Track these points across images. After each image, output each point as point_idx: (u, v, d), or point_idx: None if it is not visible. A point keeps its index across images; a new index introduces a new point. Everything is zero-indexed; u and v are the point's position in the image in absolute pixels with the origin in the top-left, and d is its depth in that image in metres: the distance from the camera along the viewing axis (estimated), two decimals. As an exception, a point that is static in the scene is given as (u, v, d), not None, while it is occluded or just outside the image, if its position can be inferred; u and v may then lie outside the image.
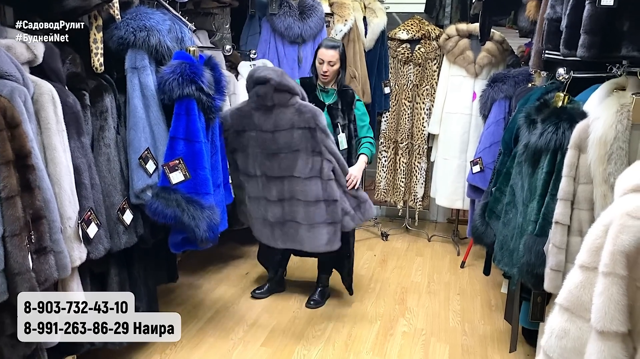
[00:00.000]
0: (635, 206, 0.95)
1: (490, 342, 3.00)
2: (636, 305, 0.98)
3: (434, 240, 4.63)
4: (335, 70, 3.11)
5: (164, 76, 2.34)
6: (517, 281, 2.52)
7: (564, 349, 1.05)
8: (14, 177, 1.76)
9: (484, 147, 3.67)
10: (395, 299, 3.52)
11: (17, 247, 1.75)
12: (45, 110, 1.96)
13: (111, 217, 2.30)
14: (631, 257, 0.95)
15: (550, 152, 2.22)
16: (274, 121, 2.86)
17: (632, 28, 1.85)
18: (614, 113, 1.97)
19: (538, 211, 2.25)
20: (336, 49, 3.10)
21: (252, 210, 3.08)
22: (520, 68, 3.71)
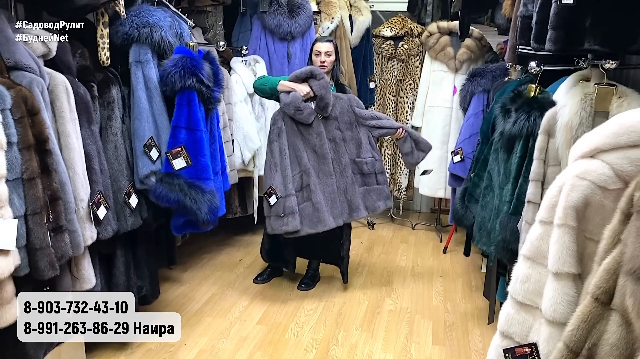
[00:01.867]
0: (583, 169, 1.15)
1: (470, 318, 3.21)
2: (585, 253, 1.18)
3: (417, 228, 4.85)
4: (332, 60, 3.33)
5: (167, 69, 2.50)
6: (494, 257, 2.73)
7: (527, 291, 1.25)
8: (35, 160, 1.90)
9: (464, 137, 3.89)
10: (381, 281, 3.72)
11: (38, 224, 1.90)
12: (60, 99, 2.12)
13: (118, 201, 2.46)
14: (580, 211, 1.14)
15: (523, 138, 2.42)
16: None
17: (593, 24, 2.04)
18: (579, 101, 2.18)
19: (512, 192, 2.46)
20: (331, 42, 3.34)
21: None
22: (498, 63, 3.93)
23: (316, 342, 2.92)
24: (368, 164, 3.33)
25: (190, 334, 2.94)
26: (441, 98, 4.38)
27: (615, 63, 2.18)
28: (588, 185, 1.13)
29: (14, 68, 1.98)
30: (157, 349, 2.78)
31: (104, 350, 2.71)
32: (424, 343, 2.94)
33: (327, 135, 3.22)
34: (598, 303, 1.01)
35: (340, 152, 3.27)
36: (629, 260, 0.95)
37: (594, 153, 1.15)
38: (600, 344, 1.01)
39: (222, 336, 2.95)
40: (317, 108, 3.18)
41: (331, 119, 3.23)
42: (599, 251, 1.06)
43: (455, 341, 2.97)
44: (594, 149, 1.15)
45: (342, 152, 3.27)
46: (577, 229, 1.16)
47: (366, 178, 3.35)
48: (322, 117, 3.20)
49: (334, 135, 3.25)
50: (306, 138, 3.19)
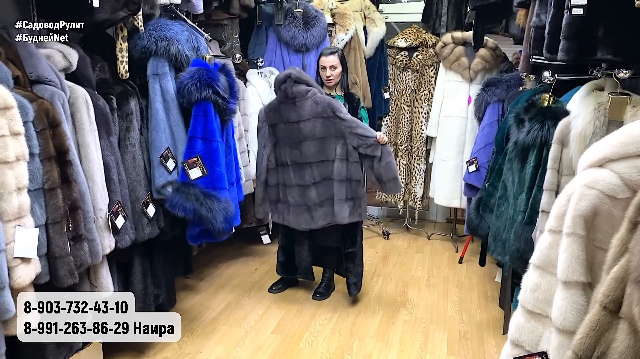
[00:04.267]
0: (592, 178, 1.15)
1: (486, 328, 3.19)
2: (595, 262, 1.18)
3: (433, 238, 4.83)
4: (338, 73, 3.35)
5: (184, 81, 2.56)
6: (508, 267, 2.72)
7: (537, 300, 1.25)
8: (55, 171, 1.96)
9: (479, 147, 3.89)
10: (396, 291, 3.72)
11: (58, 233, 1.96)
12: (80, 112, 2.18)
13: (136, 210, 2.51)
14: (588, 220, 1.15)
15: (537, 148, 2.42)
16: (297, 112, 3.17)
17: (605, 34, 2.06)
18: (592, 111, 2.17)
19: (526, 202, 2.46)
20: (335, 54, 3.36)
21: (291, 199, 3.31)
22: (512, 73, 3.93)
23: (330, 351, 2.93)
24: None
25: (205, 343, 2.97)
26: (456, 108, 4.39)
27: (629, 72, 2.18)
28: (597, 194, 1.13)
29: (37, 81, 2.05)
30: (174, 357, 2.81)
31: (121, 356, 2.75)
32: (439, 354, 2.93)
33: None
34: (606, 311, 1.02)
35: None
36: (635, 268, 0.95)
37: (602, 162, 1.16)
38: (609, 352, 1.01)
39: (238, 344, 2.98)
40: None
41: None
42: (607, 259, 1.06)
43: (470, 351, 2.96)
44: (602, 158, 1.16)
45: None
46: (586, 238, 1.16)
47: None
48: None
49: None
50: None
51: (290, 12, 4.10)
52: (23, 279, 1.78)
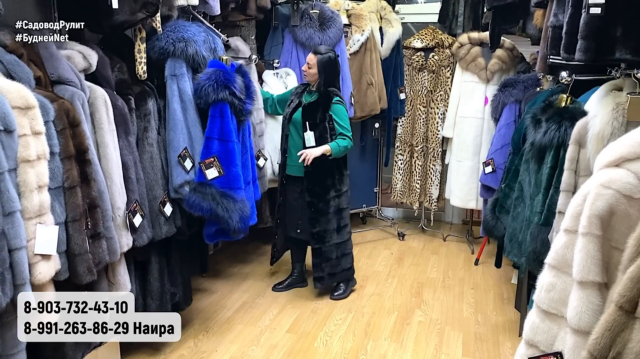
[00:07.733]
0: (608, 178, 1.15)
1: (502, 330, 3.17)
2: (611, 262, 1.17)
3: (449, 239, 4.81)
4: (313, 72, 3.38)
5: (201, 82, 2.59)
6: (524, 269, 2.70)
7: (552, 300, 1.25)
8: (75, 170, 2.00)
9: (495, 148, 3.86)
10: (411, 292, 3.71)
11: (78, 231, 1.99)
12: (99, 112, 2.22)
13: (153, 209, 2.54)
14: (604, 220, 1.14)
15: (554, 148, 2.40)
16: None
17: (624, 34, 2.03)
18: (610, 111, 2.15)
19: (543, 203, 2.44)
20: (316, 54, 3.39)
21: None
22: (530, 74, 3.90)
23: (345, 351, 2.94)
24: None
25: (221, 342, 2.99)
26: (472, 109, 4.37)
27: (649, 72, 2.15)
28: (613, 194, 1.12)
29: (57, 82, 2.09)
30: (190, 355, 2.84)
31: (138, 355, 2.79)
32: (453, 355, 2.92)
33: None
34: (622, 311, 1.01)
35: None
36: (651, 268, 0.95)
37: (619, 162, 1.15)
38: (624, 353, 1.00)
39: (253, 343, 3.00)
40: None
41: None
42: (624, 259, 1.06)
43: (485, 353, 2.94)
44: (619, 158, 1.15)
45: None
46: (602, 238, 1.15)
47: None
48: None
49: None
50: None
51: (306, 13, 4.11)
52: (43, 275, 1.82)
